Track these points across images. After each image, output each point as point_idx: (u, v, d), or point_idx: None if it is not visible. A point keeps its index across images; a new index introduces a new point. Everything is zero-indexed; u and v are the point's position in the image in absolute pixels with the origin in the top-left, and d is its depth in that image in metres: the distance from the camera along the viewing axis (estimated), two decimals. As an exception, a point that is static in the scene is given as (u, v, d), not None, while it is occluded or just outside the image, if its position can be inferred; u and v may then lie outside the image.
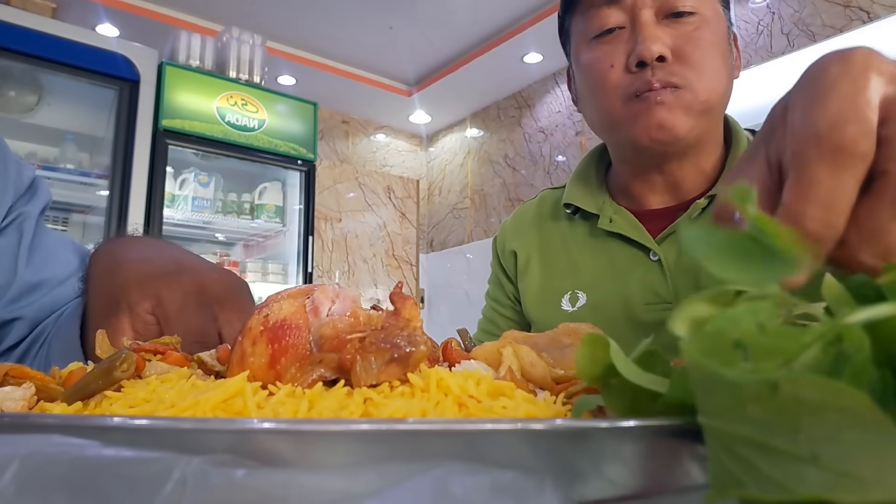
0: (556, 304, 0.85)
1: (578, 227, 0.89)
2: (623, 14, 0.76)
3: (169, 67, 2.90)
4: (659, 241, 0.79)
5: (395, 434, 0.18)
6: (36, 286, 0.68)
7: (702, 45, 0.73)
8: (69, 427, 0.17)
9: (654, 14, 0.74)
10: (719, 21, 0.77)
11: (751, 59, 3.01)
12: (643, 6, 0.75)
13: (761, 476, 0.16)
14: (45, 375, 0.32)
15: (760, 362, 0.17)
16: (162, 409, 0.25)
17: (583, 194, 0.88)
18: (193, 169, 3.11)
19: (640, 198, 0.83)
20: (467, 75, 4.18)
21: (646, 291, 0.77)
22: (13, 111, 2.79)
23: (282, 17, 3.61)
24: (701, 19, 0.74)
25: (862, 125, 0.25)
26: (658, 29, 0.73)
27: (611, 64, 0.76)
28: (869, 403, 0.14)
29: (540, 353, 0.33)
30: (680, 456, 0.20)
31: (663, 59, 0.72)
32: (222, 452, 0.16)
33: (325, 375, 0.29)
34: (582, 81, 0.82)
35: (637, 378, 0.22)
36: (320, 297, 0.31)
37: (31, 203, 0.71)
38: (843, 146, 0.25)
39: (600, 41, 0.77)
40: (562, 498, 0.16)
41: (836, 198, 0.25)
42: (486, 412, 0.24)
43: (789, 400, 0.15)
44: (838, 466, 0.15)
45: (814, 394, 0.15)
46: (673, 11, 0.74)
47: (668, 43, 0.73)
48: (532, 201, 1.02)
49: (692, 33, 0.74)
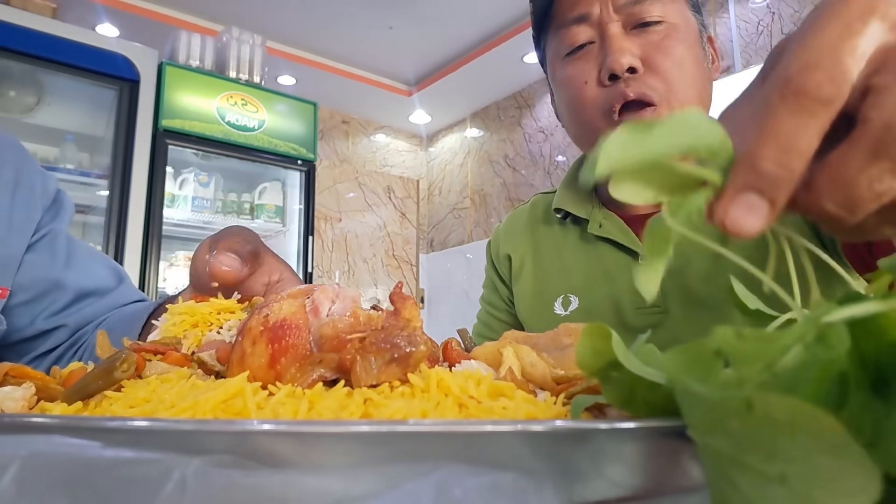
0: (549, 307, 0.86)
1: (570, 232, 0.90)
2: (592, 30, 0.77)
3: (169, 67, 2.90)
4: None
5: (395, 435, 0.18)
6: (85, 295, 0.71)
7: (672, 53, 0.74)
8: (69, 427, 0.17)
9: (622, 26, 0.75)
10: (689, 25, 0.77)
11: (751, 59, 3.00)
12: (609, 20, 0.75)
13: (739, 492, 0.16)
14: (45, 375, 0.32)
15: (741, 369, 0.17)
16: (162, 410, 0.24)
17: (572, 200, 0.89)
18: (193, 169, 3.11)
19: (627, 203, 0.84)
20: (467, 75, 4.18)
21: (636, 296, 0.78)
22: (13, 111, 2.78)
23: (282, 17, 3.61)
24: (669, 27, 0.75)
25: (831, 71, 0.25)
26: (626, 41, 0.74)
27: (584, 80, 0.77)
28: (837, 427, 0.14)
29: (540, 354, 0.33)
30: (680, 456, 0.20)
31: (634, 70, 0.73)
32: (222, 453, 0.16)
33: (325, 375, 0.29)
34: (560, 99, 0.84)
35: (638, 369, 0.22)
36: (320, 297, 0.31)
37: (57, 218, 0.75)
38: (806, 91, 0.25)
39: (573, 58, 0.79)
40: (562, 499, 0.16)
41: (794, 141, 0.25)
42: (486, 413, 0.24)
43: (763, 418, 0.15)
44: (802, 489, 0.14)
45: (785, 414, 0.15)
46: (640, 22, 0.75)
47: (637, 53, 0.73)
48: (525, 206, 1.03)
49: (661, 42, 0.74)
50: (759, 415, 0.15)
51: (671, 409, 0.20)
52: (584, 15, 0.77)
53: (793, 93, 0.25)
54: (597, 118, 0.76)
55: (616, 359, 0.23)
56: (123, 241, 2.64)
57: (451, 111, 4.88)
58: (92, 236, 2.92)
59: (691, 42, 0.77)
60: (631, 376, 0.23)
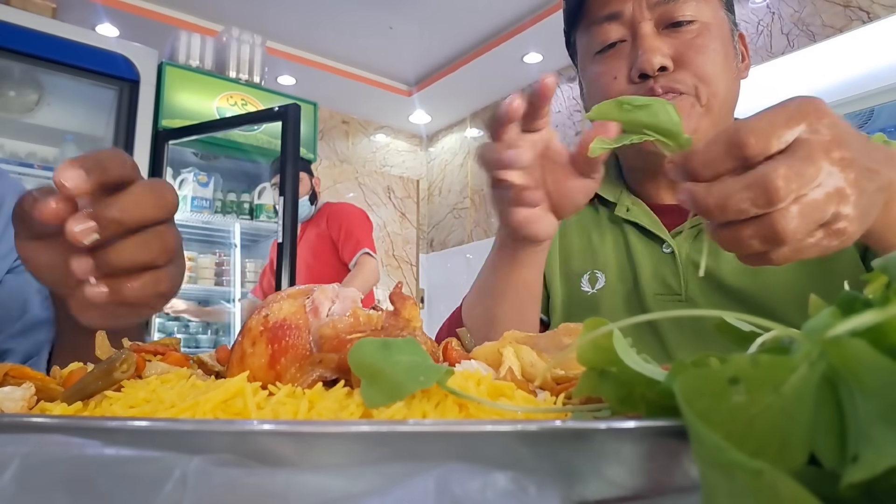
0: (577, 286, 0.87)
1: (598, 213, 0.91)
2: (624, 28, 0.76)
3: (169, 67, 2.90)
4: (673, 234, 0.81)
5: (395, 435, 0.18)
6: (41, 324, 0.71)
7: (704, 51, 0.74)
8: (69, 427, 0.17)
9: (654, 25, 0.75)
10: (721, 24, 0.77)
11: (751, 59, 3.00)
12: (642, 19, 0.75)
13: None
14: (45, 376, 0.32)
15: (752, 394, 0.17)
16: (162, 410, 0.24)
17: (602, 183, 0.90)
18: (193, 169, 3.11)
19: (653, 195, 0.85)
20: (467, 75, 4.18)
21: (657, 282, 0.79)
22: (13, 111, 2.78)
23: (282, 17, 3.61)
24: (702, 26, 0.75)
25: (759, 140, 0.39)
26: (658, 40, 0.74)
27: (614, 76, 0.77)
28: None
29: (540, 353, 0.33)
30: (680, 456, 0.20)
31: (665, 69, 0.73)
32: (222, 453, 0.16)
33: (325, 375, 0.29)
34: (589, 95, 0.84)
35: (637, 366, 0.22)
36: (320, 298, 0.31)
37: None
38: (738, 142, 0.39)
39: (604, 56, 0.79)
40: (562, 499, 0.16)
41: (709, 161, 0.40)
42: (486, 413, 0.24)
43: (769, 488, 0.15)
44: None
45: (789, 493, 0.15)
46: (672, 21, 0.75)
47: (668, 53, 0.73)
48: None
49: (693, 41, 0.74)
50: (766, 482, 0.15)
51: (669, 407, 0.20)
52: (616, 13, 0.77)
53: (727, 139, 0.40)
54: None
55: (616, 355, 0.23)
56: (123, 241, 2.64)
57: (451, 111, 4.88)
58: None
59: (723, 40, 0.76)
60: (630, 372, 0.23)
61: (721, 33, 0.76)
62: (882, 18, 2.57)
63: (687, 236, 0.80)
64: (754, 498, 0.15)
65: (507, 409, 0.24)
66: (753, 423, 0.17)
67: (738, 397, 0.17)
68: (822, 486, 0.16)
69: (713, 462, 0.16)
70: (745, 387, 0.17)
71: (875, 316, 0.18)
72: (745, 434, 0.17)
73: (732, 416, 0.17)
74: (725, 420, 0.17)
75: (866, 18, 2.65)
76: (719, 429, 0.17)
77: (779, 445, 0.17)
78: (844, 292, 0.20)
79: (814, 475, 0.17)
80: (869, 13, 2.65)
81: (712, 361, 0.21)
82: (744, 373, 0.18)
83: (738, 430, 0.17)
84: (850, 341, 0.17)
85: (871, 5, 2.64)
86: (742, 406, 0.17)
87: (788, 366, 0.18)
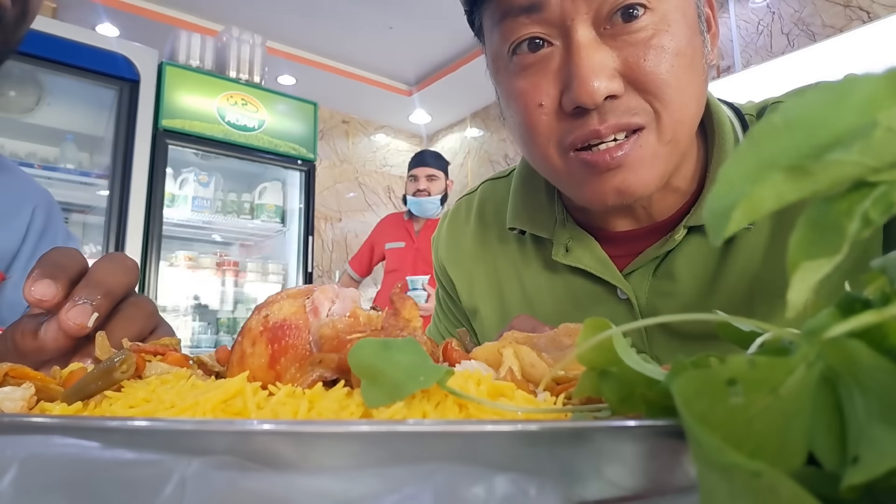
0: None
1: (530, 253, 0.71)
2: (549, 26, 0.54)
3: (169, 67, 2.90)
4: (627, 273, 0.63)
5: (395, 436, 0.18)
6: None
7: (665, 57, 0.52)
8: (69, 427, 0.17)
9: (592, 22, 0.52)
10: (686, 8, 0.55)
11: (751, 59, 3.00)
12: (576, 14, 0.52)
13: None
14: (45, 376, 0.32)
15: (750, 395, 0.17)
16: (162, 410, 0.24)
17: (530, 212, 0.69)
18: (193, 169, 3.11)
19: (600, 220, 0.65)
20: (467, 75, 4.18)
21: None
22: (13, 111, 2.79)
23: (282, 17, 3.61)
24: (659, 19, 0.52)
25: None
26: (601, 51, 0.52)
27: (539, 102, 0.55)
28: None
29: (540, 354, 0.33)
30: (680, 456, 0.20)
31: (614, 96, 0.52)
32: (222, 454, 0.16)
33: (325, 375, 0.29)
34: (507, 111, 0.60)
35: (637, 366, 0.22)
36: (320, 298, 0.31)
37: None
38: None
39: (523, 63, 0.56)
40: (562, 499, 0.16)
41: None
42: (486, 413, 0.24)
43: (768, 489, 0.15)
44: None
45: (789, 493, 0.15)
46: (617, 9, 0.52)
47: (617, 68, 0.52)
48: (471, 200, 0.79)
49: (649, 42, 0.52)
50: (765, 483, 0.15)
51: (669, 407, 0.20)
52: (536, 4, 0.53)
53: None
54: (552, 154, 0.56)
55: (616, 355, 0.23)
56: (123, 241, 2.65)
57: (451, 111, 4.88)
58: (92, 236, 2.92)
59: (687, 32, 0.54)
60: (630, 373, 0.23)
61: (685, 18, 0.54)
62: (882, 18, 2.57)
63: (644, 273, 0.63)
64: (753, 499, 0.15)
65: (507, 410, 0.24)
66: (752, 424, 0.17)
67: (735, 399, 0.17)
68: (821, 486, 0.16)
69: (712, 463, 0.16)
70: (743, 388, 0.18)
71: (874, 317, 0.18)
72: (744, 435, 0.17)
73: (731, 418, 0.17)
74: (724, 421, 0.17)
75: (866, 18, 2.65)
76: (718, 430, 0.17)
77: (777, 446, 0.17)
78: (844, 293, 0.20)
79: (813, 476, 0.17)
80: (869, 13, 2.65)
81: (712, 362, 0.21)
82: (741, 374, 0.18)
83: (737, 432, 0.17)
84: (848, 342, 0.17)
85: (871, 5, 2.64)
86: (740, 407, 0.17)
87: (786, 367, 0.18)
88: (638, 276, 0.63)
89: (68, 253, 0.42)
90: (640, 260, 0.63)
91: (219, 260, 3.25)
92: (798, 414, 0.17)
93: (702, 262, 0.61)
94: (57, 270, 0.40)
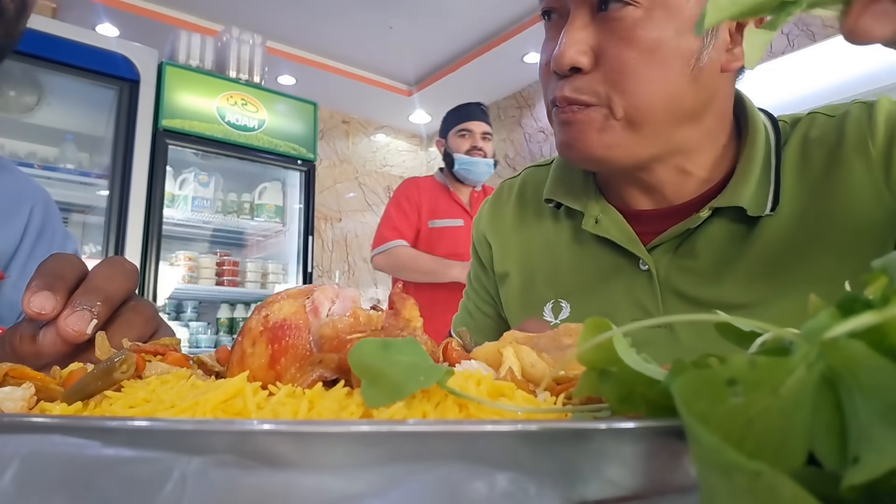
0: (538, 314, 0.77)
1: (562, 225, 0.78)
2: (559, 3, 0.65)
3: (169, 67, 2.90)
4: (650, 248, 0.69)
5: (395, 435, 0.18)
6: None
7: (633, 49, 0.59)
8: (69, 427, 0.17)
9: (589, 6, 0.62)
10: (677, 8, 0.60)
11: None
12: None
13: None
14: (45, 376, 0.32)
15: (750, 395, 0.18)
16: (162, 410, 0.24)
17: (567, 187, 0.77)
18: (193, 169, 3.11)
19: (628, 199, 0.72)
20: (467, 75, 4.18)
21: (632, 306, 0.69)
22: (13, 111, 2.79)
23: (282, 17, 3.61)
24: (642, 14, 0.59)
25: None
26: (583, 30, 0.61)
27: (546, 61, 0.66)
28: None
29: (540, 354, 0.33)
30: (680, 456, 0.20)
31: (578, 69, 0.61)
32: (222, 453, 0.16)
33: (325, 375, 0.29)
34: None
35: (637, 365, 0.22)
36: (320, 298, 0.31)
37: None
38: None
39: (546, 29, 0.69)
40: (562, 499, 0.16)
41: None
42: (486, 413, 0.24)
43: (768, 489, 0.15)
44: None
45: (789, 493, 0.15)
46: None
47: (591, 46, 0.61)
48: (513, 183, 0.89)
49: (623, 33, 0.59)
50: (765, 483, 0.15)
51: (669, 407, 0.20)
52: None
53: None
54: (548, 104, 0.68)
55: (616, 355, 0.23)
56: (123, 240, 2.65)
57: (451, 111, 4.87)
58: (92, 236, 2.92)
59: (676, 30, 0.59)
60: (630, 372, 0.23)
61: (676, 20, 0.59)
62: (882, 18, 2.57)
63: (666, 249, 0.68)
64: (754, 499, 0.15)
65: (507, 410, 0.24)
66: (752, 424, 0.17)
67: (736, 399, 0.17)
68: (821, 486, 0.16)
69: (712, 463, 0.16)
70: (743, 388, 0.18)
71: (874, 317, 0.18)
72: (744, 435, 0.17)
73: (731, 418, 0.17)
74: (724, 421, 0.17)
75: (866, 18, 2.65)
76: (718, 430, 0.17)
77: (777, 446, 0.17)
78: (844, 293, 0.20)
79: (813, 476, 0.17)
80: (869, 13, 2.65)
81: (712, 362, 0.21)
82: (741, 374, 0.18)
83: (737, 432, 0.17)
84: (848, 342, 0.17)
85: (872, 5, 2.64)
86: (740, 407, 0.17)
87: (786, 367, 0.18)
88: (660, 251, 0.69)
89: (67, 260, 0.42)
90: (663, 237, 0.69)
91: (219, 260, 3.25)
92: (798, 414, 0.17)
93: (724, 243, 0.66)
94: (55, 281, 0.39)
